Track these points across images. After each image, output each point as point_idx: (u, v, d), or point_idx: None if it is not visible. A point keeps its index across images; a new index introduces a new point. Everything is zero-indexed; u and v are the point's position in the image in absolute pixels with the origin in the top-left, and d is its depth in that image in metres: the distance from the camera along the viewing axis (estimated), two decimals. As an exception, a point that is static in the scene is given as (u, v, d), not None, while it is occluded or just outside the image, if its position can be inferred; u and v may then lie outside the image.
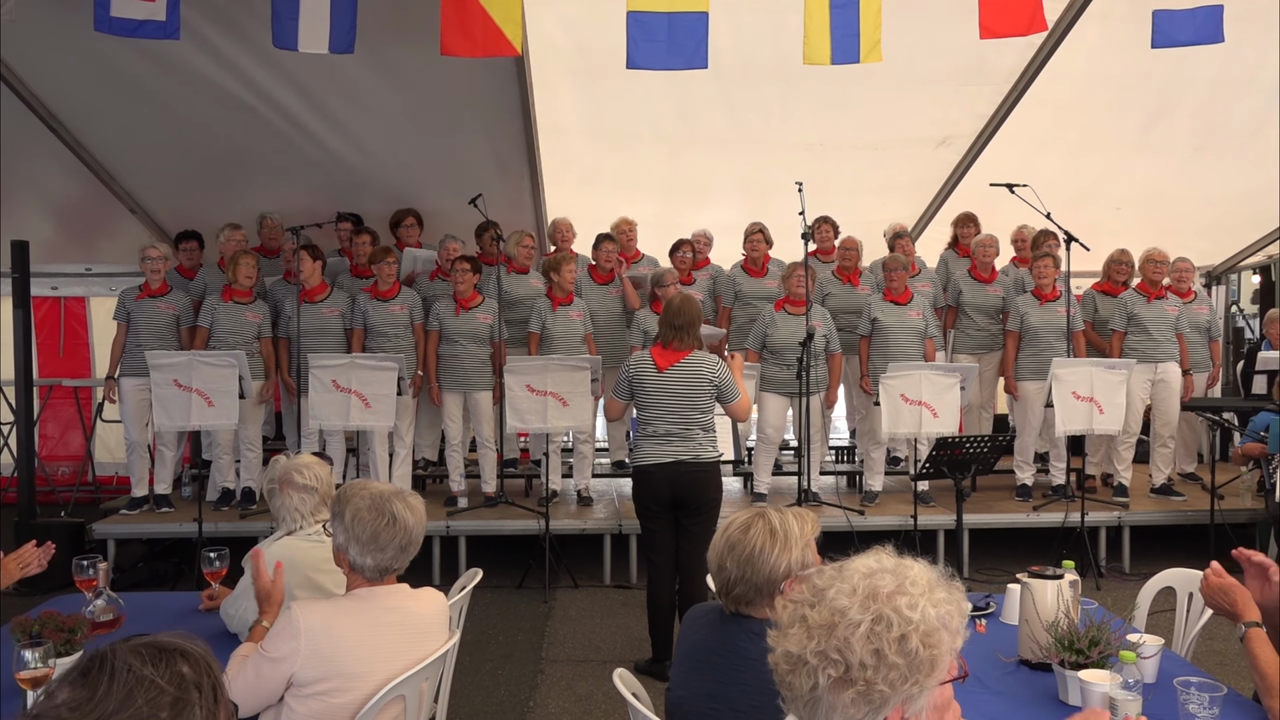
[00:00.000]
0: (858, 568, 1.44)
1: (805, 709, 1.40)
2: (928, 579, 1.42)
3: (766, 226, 7.60)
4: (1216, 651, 4.95)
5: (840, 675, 1.34)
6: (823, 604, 1.41)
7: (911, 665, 1.34)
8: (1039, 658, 2.67)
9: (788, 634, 1.41)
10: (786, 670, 1.40)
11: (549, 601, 6.07)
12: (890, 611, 1.36)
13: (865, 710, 1.35)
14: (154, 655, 1.29)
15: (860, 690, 1.34)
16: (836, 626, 1.37)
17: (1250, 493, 7.15)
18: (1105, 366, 6.52)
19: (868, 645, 1.34)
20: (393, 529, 2.46)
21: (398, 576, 2.60)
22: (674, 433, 4.73)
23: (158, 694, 1.26)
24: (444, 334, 6.80)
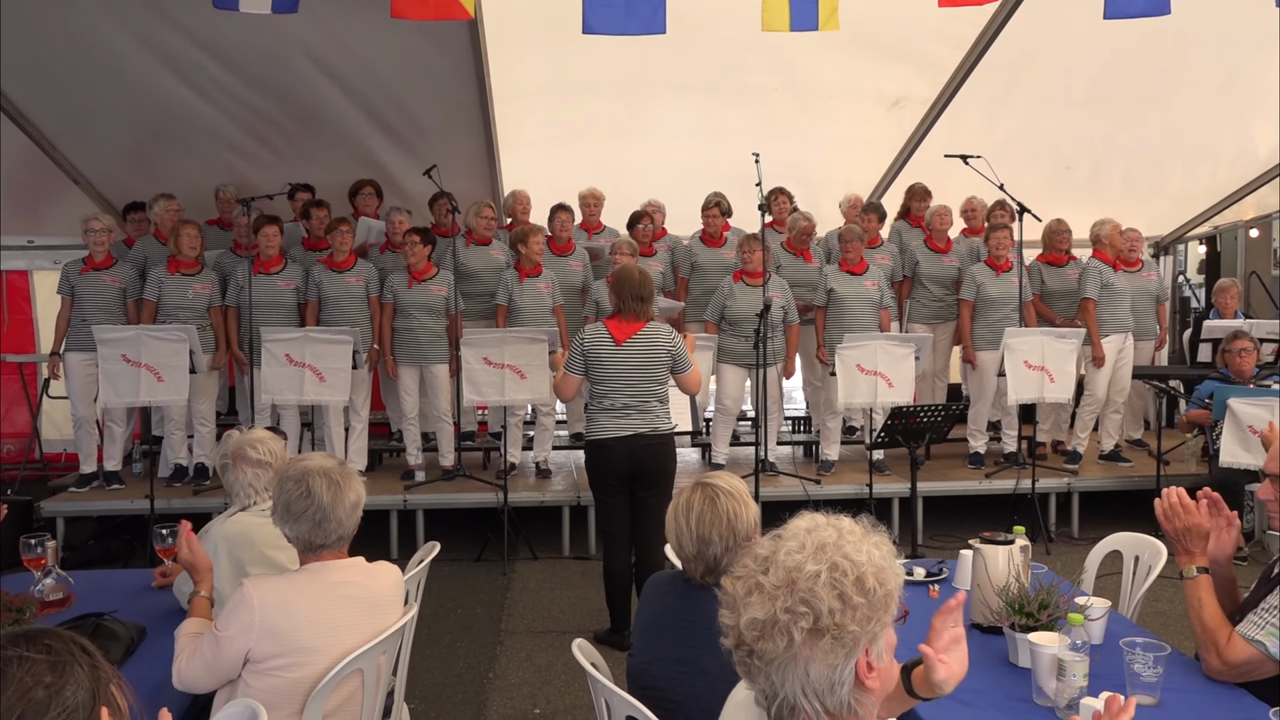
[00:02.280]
0: (795, 529, 1.50)
1: (778, 672, 1.42)
2: (860, 528, 1.50)
3: (724, 198, 7.60)
4: (1161, 613, 5.09)
5: (812, 625, 1.39)
6: (775, 567, 1.44)
7: (872, 603, 1.42)
8: (990, 621, 2.73)
9: (748, 604, 1.44)
10: (755, 638, 1.42)
11: (508, 574, 6.07)
12: (841, 558, 1.43)
13: (840, 654, 1.41)
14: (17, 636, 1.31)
15: (834, 635, 1.40)
16: (797, 582, 1.41)
17: (1195, 458, 7.33)
18: (1056, 336, 6.62)
19: (831, 591, 1.40)
20: (305, 502, 2.44)
21: (350, 550, 2.59)
22: (631, 405, 4.73)
23: (30, 664, 1.27)
24: (398, 307, 6.73)
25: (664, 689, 2.29)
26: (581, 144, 7.79)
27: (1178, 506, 2.59)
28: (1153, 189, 8.66)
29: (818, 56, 6.80)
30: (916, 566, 3.35)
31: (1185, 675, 2.46)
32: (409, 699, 3.65)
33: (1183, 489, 2.63)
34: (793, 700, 1.43)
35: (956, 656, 1.74)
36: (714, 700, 1.72)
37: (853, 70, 7.07)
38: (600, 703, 2.32)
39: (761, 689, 1.46)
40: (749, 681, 1.48)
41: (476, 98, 6.86)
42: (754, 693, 1.51)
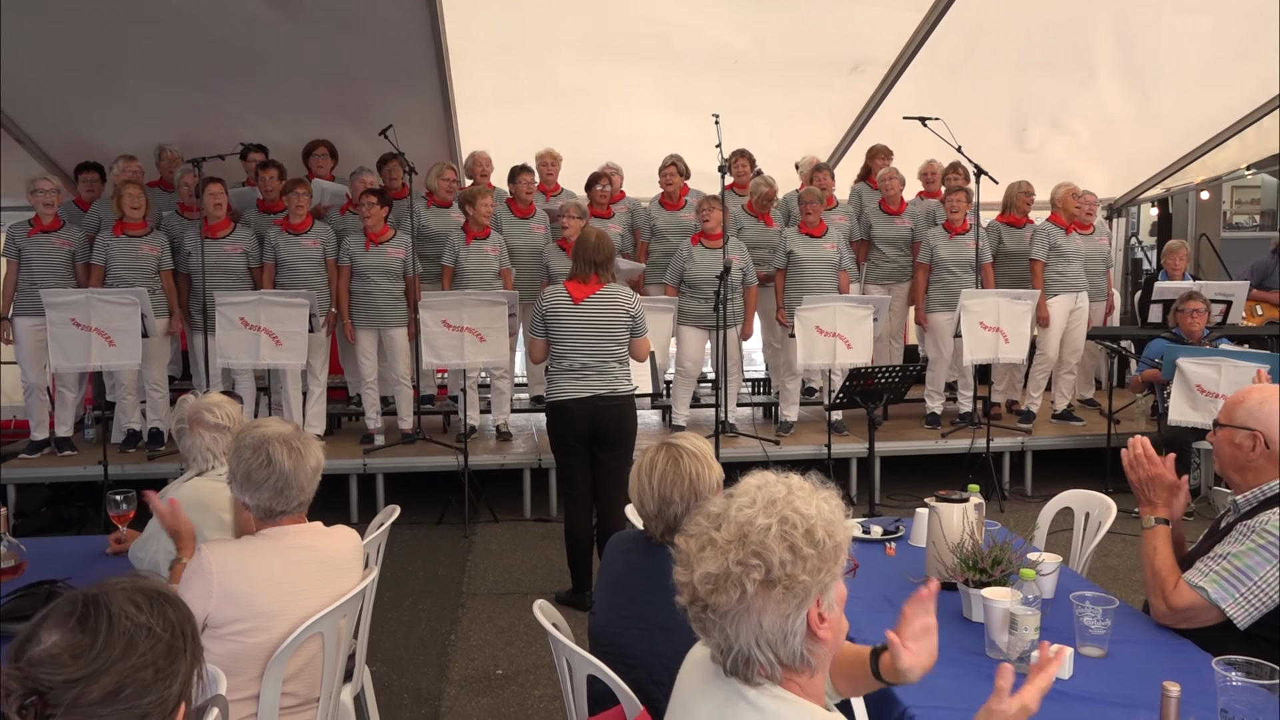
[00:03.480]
0: (745, 487, 1.53)
1: (731, 625, 1.45)
2: (809, 484, 1.53)
3: (681, 158, 7.57)
4: (1110, 567, 5.21)
5: (764, 577, 1.43)
6: (727, 522, 1.48)
7: (822, 555, 1.45)
8: (945, 577, 2.77)
9: (701, 559, 1.47)
10: (709, 591, 1.45)
11: (469, 536, 6.08)
12: (790, 512, 1.46)
13: (792, 604, 1.44)
14: (146, 600, 1.28)
15: (785, 585, 1.43)
16: (748, 535, 1.45)
17: (1144, 417, 7.48)
18: (1011, 297, 6.70)
19: (782, 543, 1.44)
20: (266, 470, 2.42)
21: (309, 515, 2.57)
22: (590, 366, 4.72)
23: (155, 641, 1.25)
24: (355, 270, 6.65)
25: (625, 645, 2.31)
26: (541, 105, 7.70)
27: (1142, 457, 2.66)
28: (1107, 152, 8.75)
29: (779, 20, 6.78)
30: (874, 525, 3.40)
31: (1133, 627, 2.53)
32: (370, 662, 3.65)
33: (1147, 440, 2.68)
34: (747, 652, 1.46)
35: (925, 646, 1.77)
36: (675, 656, 1.74)
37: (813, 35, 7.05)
38: (562, 662, 2.34)
39: (717, 644, 1.49)
40: (704, 637, 1.51)
41: (433, 55, 6.75)
42: (709, 649, 1.53)
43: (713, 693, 1.56)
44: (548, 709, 3.92)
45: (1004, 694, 1.63)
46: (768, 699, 1.48)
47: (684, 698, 1.65)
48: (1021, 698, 1.63)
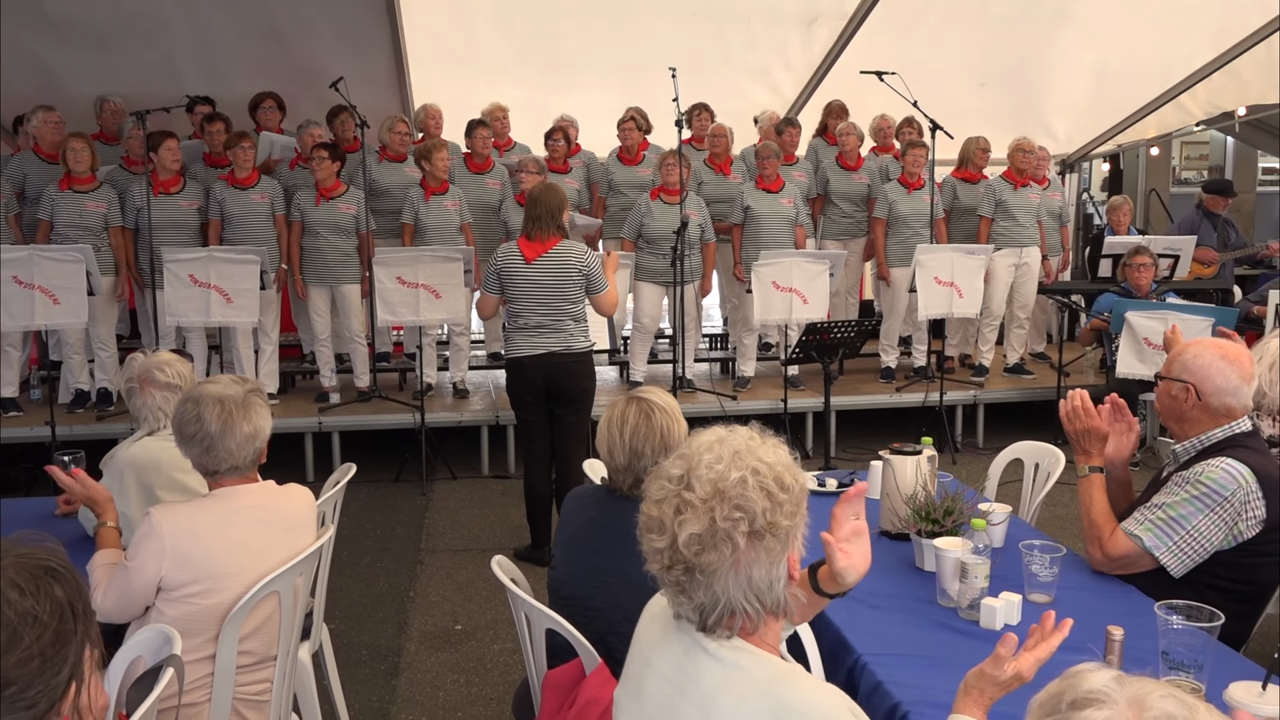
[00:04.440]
0: (702, 444, 1.53)
1: (720, 582, 1.45)
2: (755, 434, 1.55)
3: (641, 112, 7.50)
4: (1059, 517, 5.33)
5: (750, 528, 1.44)
6: (698, 482, 1.48)
7: (794, 498, 1.49)
8: (898, 529, 2.83)
9: (682, 522, 1.46)
10: (697, 552, 1.44)
11: (426, 494, 6.07)
12: (755, 461, 1.49)
13: (779, 549, 1.47)
14: (30, 581, 1.19)
15: (771, 533, 1.45)
16: (725, 491, 1.46)
17: (1094, 369, 7.63)
18: (965, 252, 6.76)
19: (760, 492, 1.46)
20: (194, 426, 2.40)
21: (264, 474, 2.55)
22: (545, 324, 4.70)
23: (41, 630, 1.17)
24: (306, 225, 6.54)
25: (585, 598, 2.33)
26: (495, 58, 7.58)
27: (1079, 409, 2.71)
28: (1061, 107, 8.81)
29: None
30: (829, 478, 3.44)
31: (1079, 574, 2.59)
32: (329, 620, 3.65)
33: (1085, 392, 2.74)
34: (733, 606, 1.47)
35: (858, 548, 1.76)
36: (636, 608, 1.75)
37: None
38: (520, 617, 2.35)
39: (699, 603, 1.48)
40: (684, 599, 1.49)
41: (384, 5, 6.61)
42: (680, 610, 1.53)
43: (671, 645, 1.58)
44: (507, 663, 3.95)
45: (1002, 661, 1.66)
46: (728, 650, 1.50)
47: (643, 650, 1.66)
48: (1018, 664, 1.66)
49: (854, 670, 2.16)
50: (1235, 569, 2.46)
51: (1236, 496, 2.42)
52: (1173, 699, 0.95)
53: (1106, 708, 0.94)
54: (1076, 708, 0.95)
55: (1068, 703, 0.96)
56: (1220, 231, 8.15)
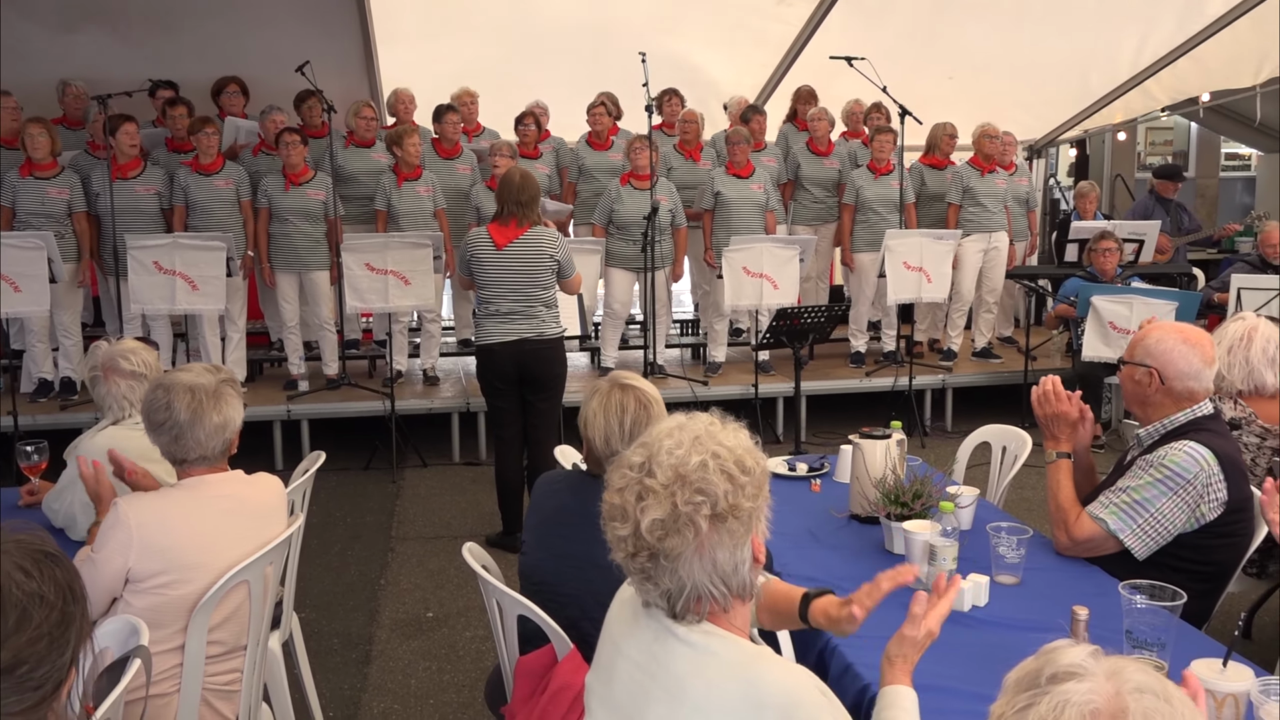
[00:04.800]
0: (662, 431, 1.54)
1: (685, 566, 1.46)
2: (714, 419, 1.56)
3: (611, 97, 7.47)
4: (1026, 499, 5.39)
5: (712, 511, 1.45)
6: (658, 468, 1.48)
7: (755, 480, 1.49)
8: (868, 512, 2.85)
9: (645, 508, 1.46)
10: (660, 538, 1.45)
11: (397, 481, 6.04)
12: (716, 446, 1.49)
13: (742, 532, 1.47)
14: (34, 565, 1.20)
15: (734, 515, 1.46)
16: (687, 475, 1.46)
17: (1060, 353, 7.72)
18: (934, 237, 6.80)
19: (721, 475, 1.46)
20: (164, 414, 2.37)
21: (233, 463, 2.52)
22: (516, 310, 4.69)
23: (49, 610, 1.18)
24: (274, 211, 6.47)
25: (556, 584, 2.33)
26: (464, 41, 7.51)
27: (1050, 394, 2.75)
28: (1030, 93, 8.86)
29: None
30: (799, 462, 3.46)
31: (1045, 556, 2.62)
32: (299, 608, 3.63)
33: (1057, 378, 2.77)
34: (700, 590, 1.48)
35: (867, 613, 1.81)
36: (608, 593, 1.75)
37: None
38: (492, 604, 2.35)
39: (665, 590, 1.48)
40: (650, 586, 1.50)
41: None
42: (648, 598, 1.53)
43: (642, 631, 1.58)
44: (479, 649, 3.95)
45: (918, 620, 1.69)
46: (698, 635, 1.50)
47: (613, 636, 1.67)
48: (927, 623, 1.69)
49: (824, 653, 2.18)
50: (1198, 550, 2.50)
51: (1199, 479, 2.46)
52: (1145, 671, 0.98)
53: (1086, 680, 0.96)
54: (1056, 681, 0.97)
55: (1047, 676, 0.98)
56: (1173, 216, 8.25)
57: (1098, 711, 0.94)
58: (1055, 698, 0.95)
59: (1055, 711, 0.94)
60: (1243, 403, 3.28)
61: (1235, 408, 3.27)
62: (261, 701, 2.66)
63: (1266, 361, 3.25)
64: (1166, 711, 0.95)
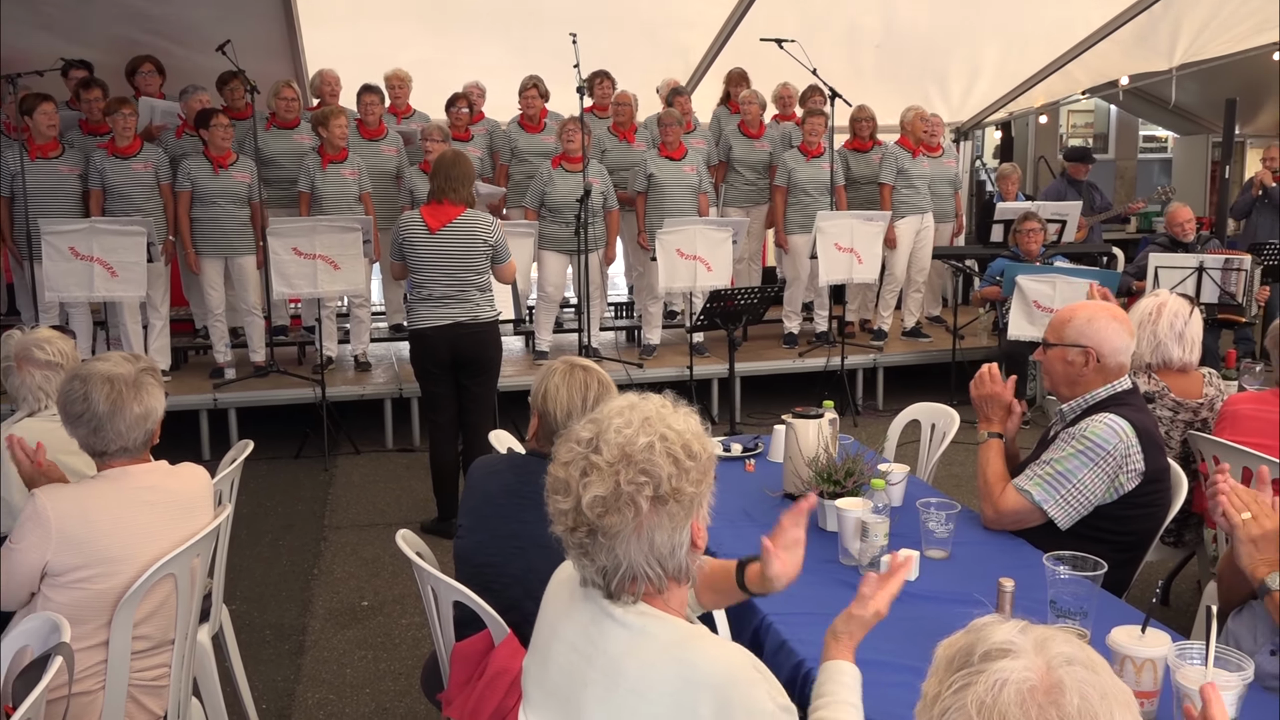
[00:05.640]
0: (612, 409, 1.54)
1: (622, 545, 1.46)
2: (668, 402, 1.57)
3: (541, 79, 7.41)
4: (955, 475, 5.51)
5: (654, 493, 1.45)
6: (605, 446, 1.48)
7: (700, 466, 1.50)
8: (801, 490, 2.88)
9: (587, 484, 1.46)
10: (599, 514, 1.45)
11: (329, 469, 5.95)
12: (665, 429, 1.49)
13: (682, 515, 1.48)
14: None
15: (675, 499, 1.46)
16: (632, 455, 1.46)
17: (986, 332, 7.88)
18: (864, 219, 6.88)
19: (666, 458, 1.46)
20: (81, 405, 2.31)
21: (158, 453, 2.46)
22: (450, 294, 4.64)
23: None
24: (199, 195, 6.30)
25: (499, 565, 2.32)
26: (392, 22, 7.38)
27: (986, 376, 2.82)
28: (957, 76, 9.00)
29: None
30: (734, 443, 3.48)
31: (974, 530, 2.68)
32: (229, 600, 3.56)
33: (995, 365, 2.84)
34: (635, 570, 1.48)
35: (793, 557, 1.83)
36: (550, 572, 1.75)
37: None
38: (427, 590, 2.33)
39: (602, 566, 1.49)
40: (587, 562, 1.50)
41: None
42: (585, 574, 1.54)
43: (578, 613, 1.58)
44: (415, 637, 3.92)
45: (866, 600, 1.71)
46: (634, 616, 1.51)
47: (550, 619, 1.67)
48: (875, 603, 1.71)
49: (759, 630, 2.20)
50: (1117, 521, 2.58)
51: (1118, 450, 2.53)
52: (1070, 642, 1.00)
53: (1020, 657, 0.98)
54: (989, 659, 0.98)
55: (980, 655, 0.99)
56: (1085, 196, 8.46)
57: (1034, 688, 0.95)
58: (991, 676, 0.97)
59: (993, 690, 0.96)
60: (1156, 377, 3.39)
61: (1150, 382, 3.37)
62: (191, 696, 2.61)
63: (1174, 336, 3.36)
64: (1094, 680, 0.97)
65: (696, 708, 1.43)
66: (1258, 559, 1.96)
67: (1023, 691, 0.95)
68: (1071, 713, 0.95)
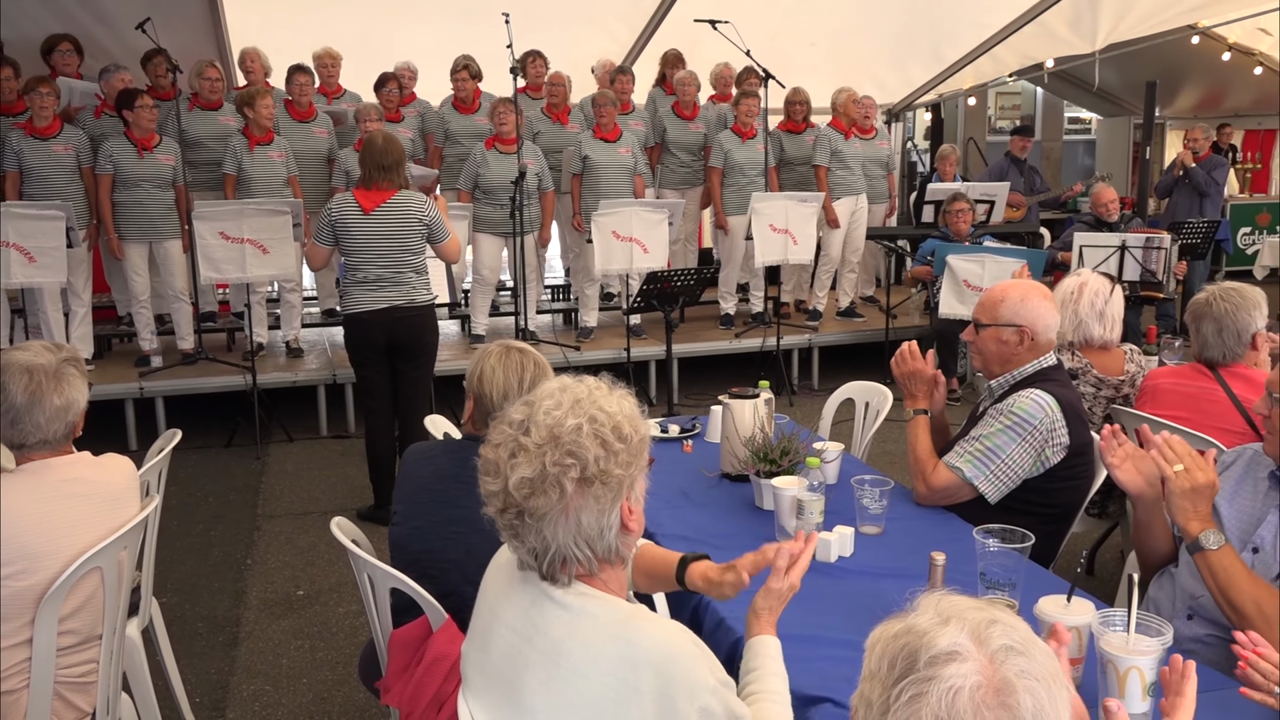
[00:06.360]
0: (546, 391, 1.54)
1: (549, 527, 1.46)
2: (604, 384, 1.56)
3: (474, 59, 7.32)
4: (888, 452, 5.59)
5: (581, 475, 1.45)
6: (535, 427, 1.48)
7: (631, 449, 1.49)
8: (738, 470, 2.90)
9: (514, 465, 1.46)
10: (526, 496, 1.45)
11: (262, 458, 5.85)
12: (597, 410, 1.49)
13: (608, 499, 1.48)
14: None
15: (601, 481, 1.46)
16: (560, 436, 1.46)
17: (919, 311, 8.01)
18: (799, 200, 6.93)
19: (594, 440, 1.46)
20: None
21: (82, 444, 2.39)
22: (386, 277, 4.57)
23: None
24: (122, 178, 6.11)
25: (437, 551, 2.30)
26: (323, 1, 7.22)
27: (906, 354, 2.86)
28: (888, 58, 9.09)
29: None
30: (671, 424, 3.50)
31: (907, 506, 2.73)
32: (161, 593, 3.49)
33: (915, 342, 2.88)
34: (564, 552, 1.48)
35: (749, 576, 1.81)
36: (490, 556, 1.74)
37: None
38: (363, 578, 2.31)
39: (531, 548, 1.49)
40: (517, 543, 1.51)
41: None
42: (519, 556, 1.54)
43: (518, 596, 1.58)
44: (353, 625, 3.88)
45: (781, 573, 1.73)
46: (573, 596, 1.51)
47: (489, 602, 1.66)
48: (790, 577, 1.74)
49: (698, 609, 2.22)
50: (1043, 494, 2.65)
51: (1044, 425, 2.60)
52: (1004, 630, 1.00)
53: (968, 660, 0.98)
54: (937, 664, 0.98)
55: (926, 660, 0.98)
56: (1026, 177, 8.67)
57: (984, 689, 0.96)
58: (943, 684, 0.97)
59: (949, 697, 0.96)
60: (1079, 354, 3.48)
61: (1073, 359, 3.46)
62: (121, 692, 2.55)
63: (1094, 315, 3.46)
64: (1031, 667, 0.99)
65: (638, 685, 1.44)
66: (1189, 513, 2.00)
67: (975, 698, 0.96)
68: (1025, 716, 0.96)
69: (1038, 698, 0.97)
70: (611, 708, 1.45)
